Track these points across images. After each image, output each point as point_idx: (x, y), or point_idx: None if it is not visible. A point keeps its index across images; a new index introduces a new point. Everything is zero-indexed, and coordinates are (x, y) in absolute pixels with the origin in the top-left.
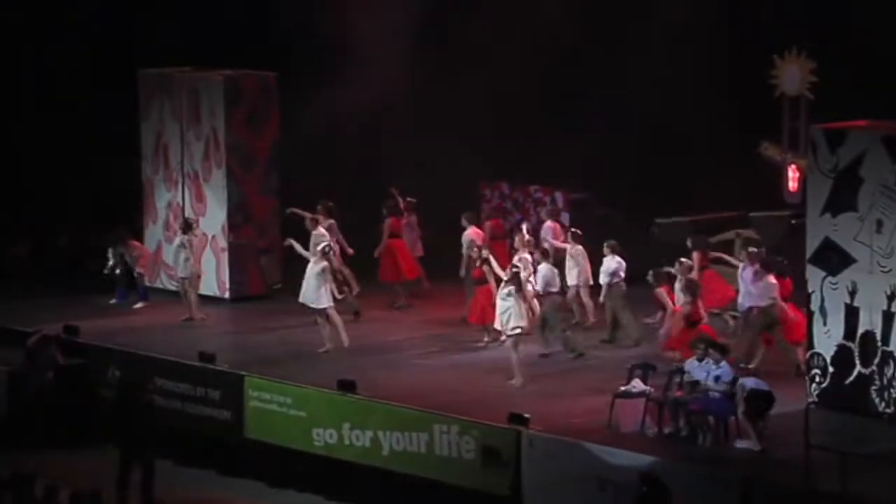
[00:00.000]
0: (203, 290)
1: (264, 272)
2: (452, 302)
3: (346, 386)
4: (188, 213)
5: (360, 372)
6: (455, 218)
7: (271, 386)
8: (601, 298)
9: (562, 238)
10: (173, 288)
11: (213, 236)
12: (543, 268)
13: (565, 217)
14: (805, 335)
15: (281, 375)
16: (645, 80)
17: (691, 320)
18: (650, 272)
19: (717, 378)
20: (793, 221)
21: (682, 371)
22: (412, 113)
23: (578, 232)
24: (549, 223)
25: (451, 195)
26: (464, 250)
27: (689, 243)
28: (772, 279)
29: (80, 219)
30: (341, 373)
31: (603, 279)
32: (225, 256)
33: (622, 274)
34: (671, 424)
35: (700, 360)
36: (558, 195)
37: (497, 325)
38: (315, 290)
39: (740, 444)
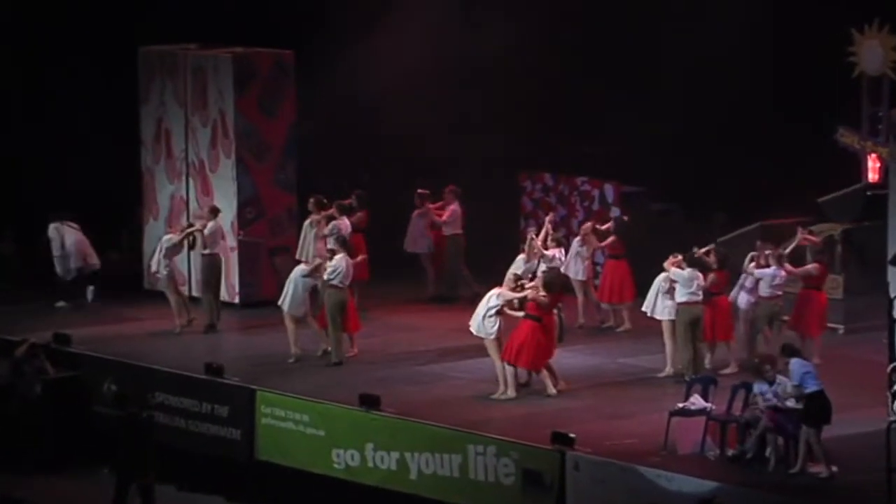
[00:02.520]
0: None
1: (278, 274)
2: None
3: (370, 401)
4: (193, 207)
5: (384, 386)
6: (491, 213)
7: (286, 401)
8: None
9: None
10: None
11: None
12: None
13: (616, 212)
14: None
15: (297, 390)
16: (707, 61)
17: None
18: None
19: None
20: (868, 193)
21: (746, 386)
22: (444, 96)
23: None
24: (338, 221)
25: (488, 187)
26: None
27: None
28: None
29: (72, 213)
30: (364, 387)
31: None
32: (234, 256)
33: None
34: (736, 446)
35: (771, 382)
36: (608, 188)
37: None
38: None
39: (813, 468)
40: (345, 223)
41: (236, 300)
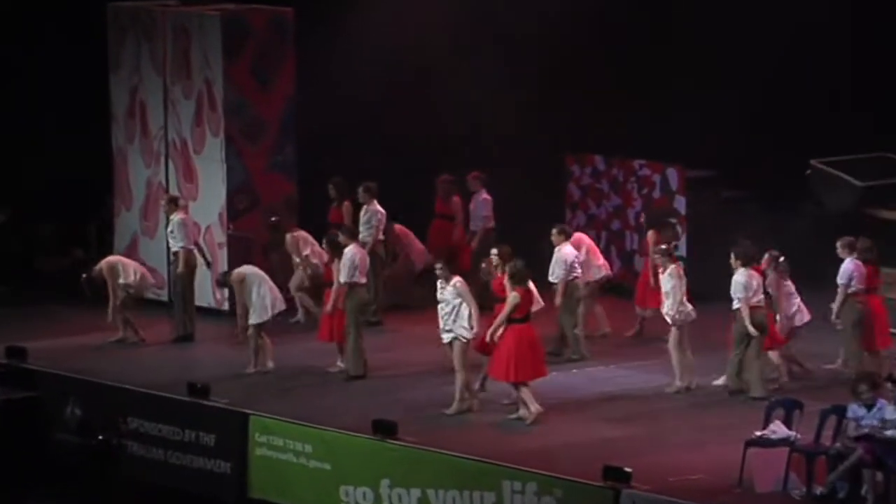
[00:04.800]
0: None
1: (275, 275)
2: None
3: (385, 429)
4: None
5: (402, 410)
6: (530, 204)
7: (285, 428)
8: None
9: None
10: (154, 297)
11: (208, 227)
12: None
13: (680, 202)
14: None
15: (298, 414)
16: (788, 24)
17: None
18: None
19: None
20: None
21: (838, 411)
22: (472, 63)
23: None
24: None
25: (527, 172)
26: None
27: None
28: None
29: (27, 203)
30: (378, 411)
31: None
32: (223, 255)
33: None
34: (825, 482)
35: (870, 406)
36: (671, 172)
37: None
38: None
39: None
40: (381, 209)
41: (225, 306)
